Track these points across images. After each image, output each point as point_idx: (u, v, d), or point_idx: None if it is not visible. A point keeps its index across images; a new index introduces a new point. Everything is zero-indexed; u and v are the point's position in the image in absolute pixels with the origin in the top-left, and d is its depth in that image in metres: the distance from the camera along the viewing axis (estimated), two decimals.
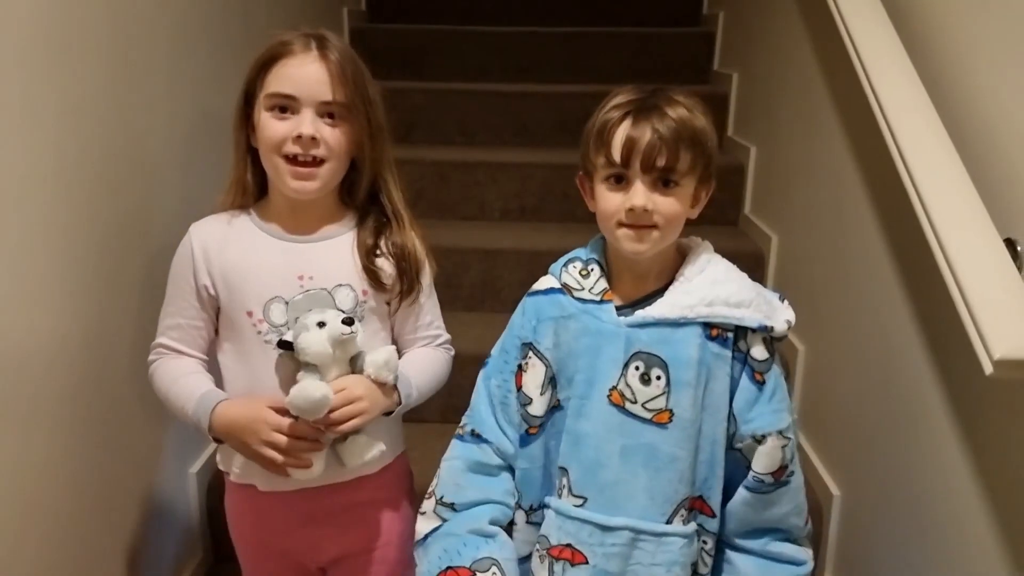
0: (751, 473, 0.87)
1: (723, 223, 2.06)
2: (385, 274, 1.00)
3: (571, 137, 2.26)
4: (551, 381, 0.92)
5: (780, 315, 0.89)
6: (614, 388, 0.87)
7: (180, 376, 0.99)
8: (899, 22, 1.28)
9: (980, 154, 1.04)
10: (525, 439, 0.94)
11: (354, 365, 0.96)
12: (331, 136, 0.93)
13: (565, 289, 0.92)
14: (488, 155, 2.15)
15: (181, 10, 1.31)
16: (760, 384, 0.87)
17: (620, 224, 0.85)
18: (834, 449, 1.46)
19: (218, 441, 0.99)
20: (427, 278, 1.05)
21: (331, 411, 0.91)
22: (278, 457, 0.93)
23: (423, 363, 1.04)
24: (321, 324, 0.92)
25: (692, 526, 0.88)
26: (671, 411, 0.86)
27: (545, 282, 0.96)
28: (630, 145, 0.83)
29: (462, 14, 2.66)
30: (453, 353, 1.11)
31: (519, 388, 0.94)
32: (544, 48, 2.51)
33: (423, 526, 0.95)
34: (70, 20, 1.00)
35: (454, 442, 0.98)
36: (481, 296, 1.88)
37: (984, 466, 0.98)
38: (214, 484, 1.46)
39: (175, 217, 1.31)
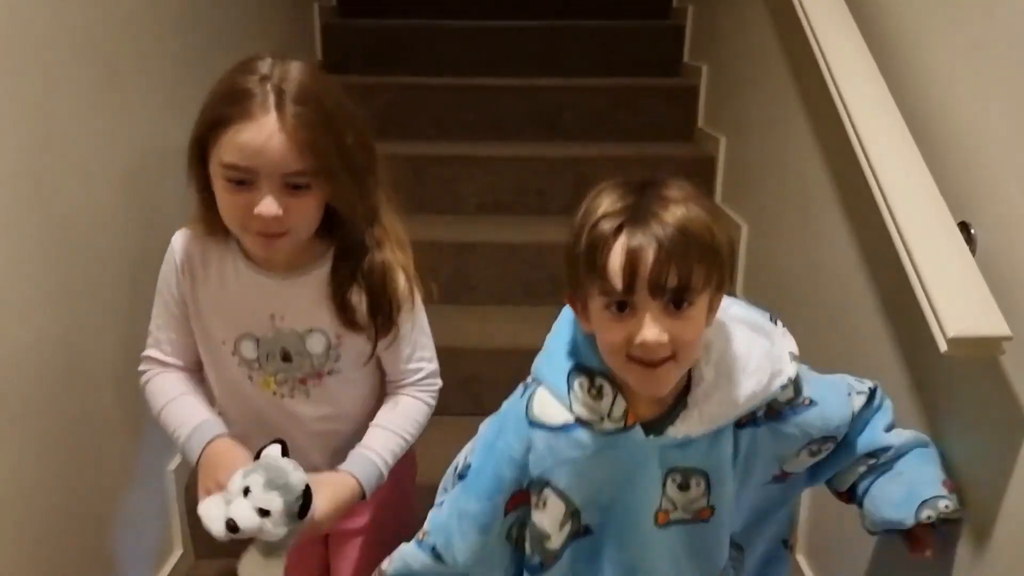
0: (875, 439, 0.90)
1: None
2: (359, 313, 0.92)
3: (544, 131, 2.32)
4: (573, 513, 0.82)
5: (784, 355, 0.80)
6: (658, 510, 0.80)
7: (174, 397, 0.96)
8: (858, 13, 1.31)
9: (936, 141, 1.07)
10: (537, 569, 0.85)
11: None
12: (297, 207, 0.82)
13: (581, 422, 0.78)
14: (462, 149, 2.16)
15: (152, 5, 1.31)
16: (808, 407, 0.82)
17: (629, 358, 0.72)
18: None
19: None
20: (408, 317, 0.96)
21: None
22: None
23: (391, 428, 0.97)
24: (246, 491, 0.81)
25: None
26: (712, 507, 0.82)
27: (552, 411, 0.80)
28: (631, 269, 0.68)
29: (433, 9, 2.66)
30: (439, 386, 1.02)
31: (509, 511, 0.84)
32: (516, 42, 2.51)
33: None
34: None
35: (413, 546, 0.88)
36: (456, 289, 1.89)
37: (940, 441, 1.02)
38: (192, 481, 1.46)
39: (151, 223, 1.31)
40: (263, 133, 0.78)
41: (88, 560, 1.16)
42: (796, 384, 0.81)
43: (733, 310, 0.82)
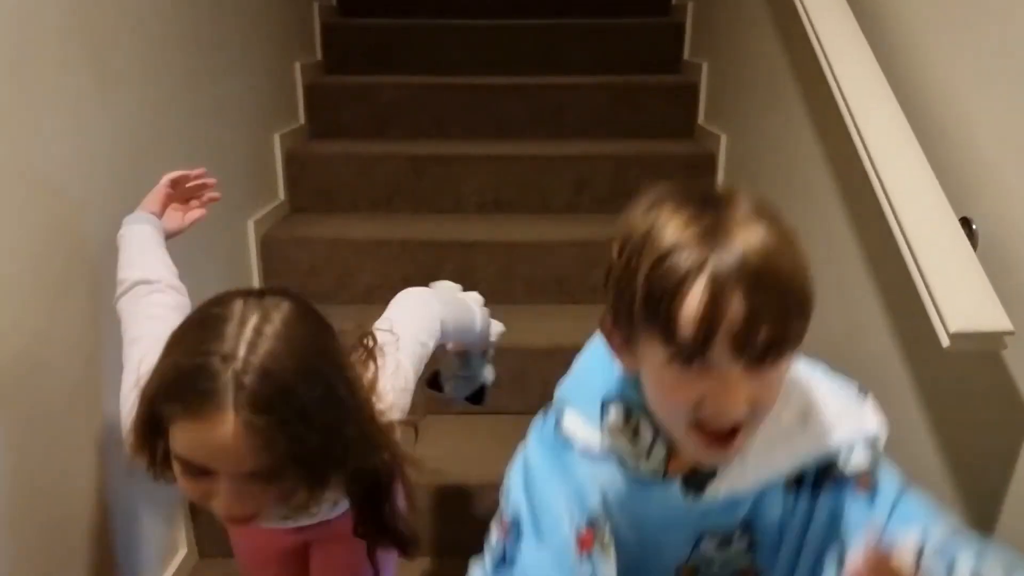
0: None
1: None
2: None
3: (544, 129, 2.32)
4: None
5: (866, 426, 0.66)
6: (684, 564, 0.69)
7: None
8: (858, 8, 1.31)
9: (938, 137, 1.07)
10: None
11: None
12: (264, 495, 0.72)
13: (615, 458, 0.66)
14: (463, 148, 2.16)
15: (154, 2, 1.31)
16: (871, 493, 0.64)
17: (692, 426, 0.57)
18: None
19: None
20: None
21: None
22: None
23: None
24: None
25: None
26: (757, 571, 0.68)
27: (583, 433, 0.67)
28: (713, 321, 0.53)
29: (433, 8, 2.67)
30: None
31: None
32: (516, 41, 2.52)
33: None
34: None
35: None
36: None
37: (943, 436, 1.02)
38: None
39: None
40: (218, 435, 0.66)
41: (92, 560, 1.16)
42: (874, 454, 0.65)
43: (819, 373, 0.69)
